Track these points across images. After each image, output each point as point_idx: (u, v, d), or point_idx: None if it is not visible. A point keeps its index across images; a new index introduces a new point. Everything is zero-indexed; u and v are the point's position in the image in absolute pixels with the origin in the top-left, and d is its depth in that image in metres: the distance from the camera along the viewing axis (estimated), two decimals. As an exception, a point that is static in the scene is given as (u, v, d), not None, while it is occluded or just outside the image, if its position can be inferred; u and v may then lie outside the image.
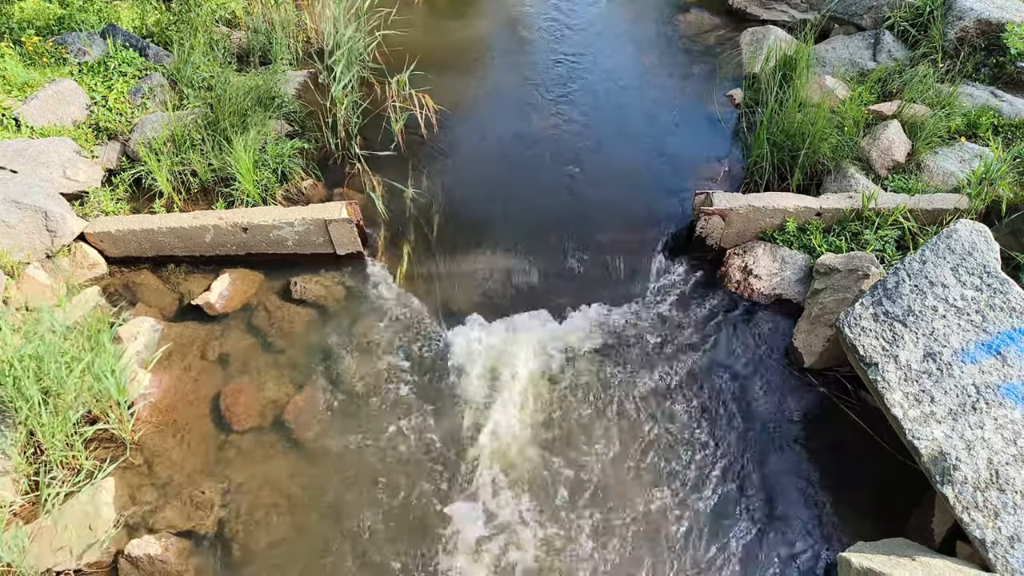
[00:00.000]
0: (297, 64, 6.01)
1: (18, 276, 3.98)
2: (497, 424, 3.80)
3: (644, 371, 4.04)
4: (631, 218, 4.84)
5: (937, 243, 3.56)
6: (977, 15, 5.49)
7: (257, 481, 3.54)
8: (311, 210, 4.39)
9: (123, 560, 3.18)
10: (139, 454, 3.60)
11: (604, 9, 7.31)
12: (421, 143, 5.38)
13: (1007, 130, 4.96)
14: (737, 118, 5.66)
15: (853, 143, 4.86)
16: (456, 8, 7.25)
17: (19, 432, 3.33)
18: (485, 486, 3.56)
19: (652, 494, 3.54)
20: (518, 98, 5.95)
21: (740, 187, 4.99)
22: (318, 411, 3.82)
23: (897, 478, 3.48)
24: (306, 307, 4.30)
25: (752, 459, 3.67)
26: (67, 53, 5.30)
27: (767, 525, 3.43)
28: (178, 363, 3.98)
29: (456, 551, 3.34)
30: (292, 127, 5.33)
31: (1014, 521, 2.83)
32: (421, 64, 5.50)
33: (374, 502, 3.49)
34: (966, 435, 3.05)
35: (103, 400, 3.54)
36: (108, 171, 4.83)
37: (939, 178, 4.65)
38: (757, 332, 4.22)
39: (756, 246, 4.46)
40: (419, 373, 4.02)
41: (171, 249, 4.43)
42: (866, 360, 3.40)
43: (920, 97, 5.19)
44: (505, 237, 4.72)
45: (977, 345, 3.25)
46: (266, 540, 3.34)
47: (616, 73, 6.29)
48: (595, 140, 5.50)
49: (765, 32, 6.32)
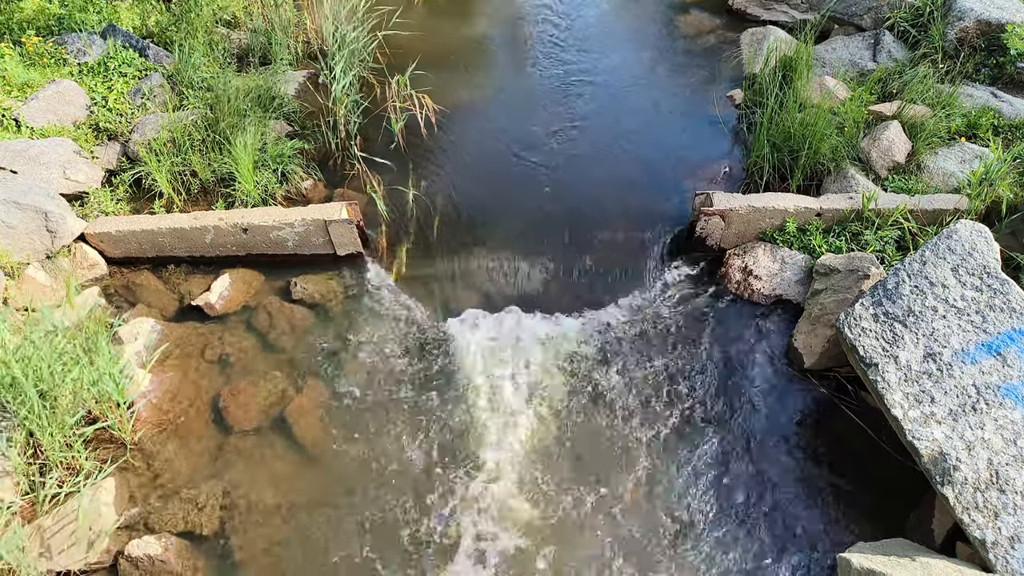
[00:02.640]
0: (297, 64, 6.00)
1: (18, 277, 3.98)
2: (497, 425, 3.80)
3: (644, 371, 4.04)
4: (631, 218, 4.84)
5: (937, 243, 3.56)
6: (977, 15, 5.49)
7: (257, 482, 3.54)
8: (311, 211, 4.39)
9: (123, 560, 3.18)
10: (139, 455, 3.60)
11: (604, 10, 7.31)
12: (421, 143, 5.38)
13: (1007, 131, 4.96)
14: (737, 118, 5.66)
15: (853, 144, 4.86)
16: (456, 9, 7.25)
17: (19, 433, 3.33)
18: (485, 487, 3.56)
19: (651, 494, 3.54)
20: (518, 98, 5.95)
21: (740, 187, 4.99)
22: (318, 412, 3.82)
23: (897, 479, 3.48)
24: (306, 308, 4.30)
25: (752, 459, 3.67)
26: (67, 53, 5.30)
27: (767, 526, 3.43)
28: (178, 364, 3.98)
29: (456, 552, 3.34)
30: (292, 127, 5.33)
31: (1014, 522, 2.83)
32: (421, 64, 5.50)
33: (374, 503, 3.49)
34: (966, 436, 3.05)
35: (103, 400, 3.53)
36: (108, 172, 4.82)
37: (939, 179, 4.65)
38: (757, 333, 4.22)
39: (756, 246, 4.46)
40: (419, 374, 4.02)
41: (171, 250, 4.43)
42: (866, 360, 3.40)
43: (920, 98, 5.18)
44: (505, 237, 4.72)
45: (977, 345, 3.25)
46: (266, 541, 3.34)
47: (616, 73, 6.29)
48: (595, 140, 5.50)
49: (765, 32, 6.32)
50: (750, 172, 5.01)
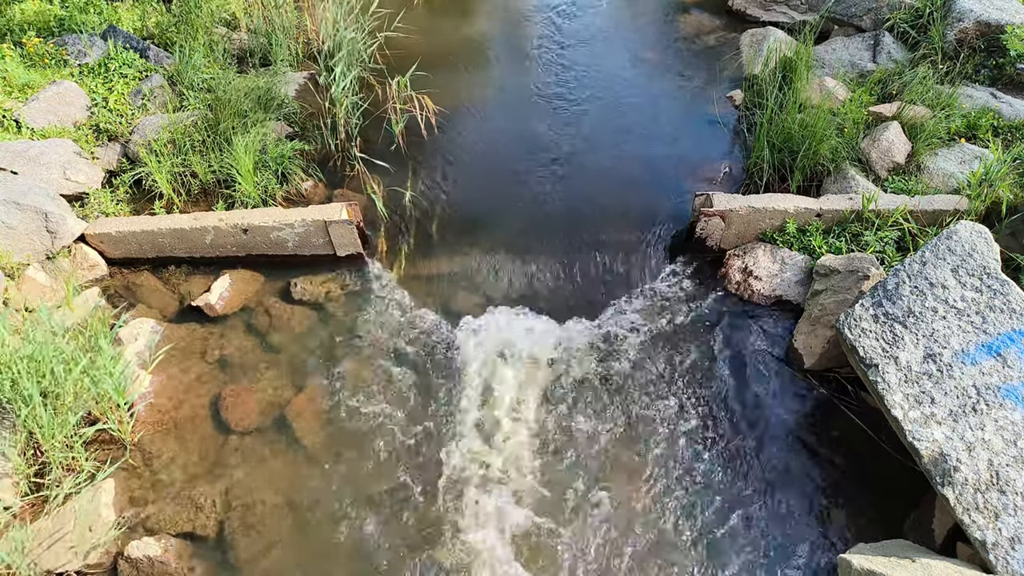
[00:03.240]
0: (297, 65, 6.01)
1: (18, 277, 3.98)
2: (497, 426, 3.80)
3: (643, 372, 4.04)
4: (631, 219, 4.84)
5: (937, 244, 3.56)
6: (976, 16, 5.50)
7: (257, 483, 3.54)
8: (311, 211, 4.39)
9: (123, 562, 3.18)
10: (139, 455, 3.60)
11: (604, 10, 7.32)
12: (421, 144, 5.38)
13: (1007, 131, 4.96)
14: (737, 119, 5.66)
15: (853, 144, 4.86)
16: (456, 9, 7.25)
17: (19, 433, 3.33)
18: (486, 488, 3.56)
19: (650, 495, 3.54)
20: (518, 99, 5.95)
21: (740, 188, 4.99)
22: (318, 412, 3.82)
23: (897, 479, 3.48)
24: (306, 308, 4.30)
25: (752, 460, 3.67)
26: (68, 55, 5.31)
27: (767, 526, 3.43)
28: (178, 364, 3.98)
29: (457, 553, 3.34)
30: (292, 128, 5.33)
31: (1014, 523, 2.83)
32: (421, 65, 5.51)
33: (375, 504, 3.49)
34: (966, 436, 3.05)
35: (103, 401, 3.53)
36: (108, 172, 4.83)
37: (939, 179, 4.66)
38: (757, 333, 4.22)
39: (756, 247, 4.46)
40: (420, 374, 4.02)
41: (171, 250, 4.43)
42: (866, 361, 3.40)
43: (920, 98, 5.19)
44: (505, 238, 4.72)
45: (977, 346, 3.25)
46: (266, 542, 3.34)
47: (616, 74, 6.29)
48: (595, 141, 5.50)
49: (765, 33, 6.33)
50: (750, 173, 5.02)
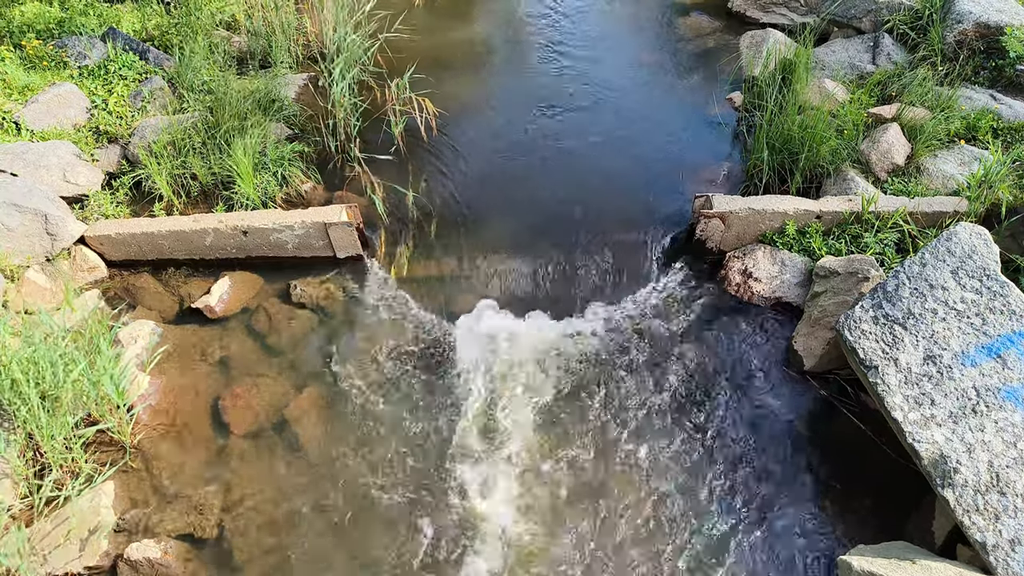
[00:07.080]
0: (297, 67, 6.01)
1: (18, 279, 3.98)
2: (497, 427, 3.80)
3: (643, 373, 4.04)
4: (631, 220, 4.84)
5: (937, 246, 3.56)
6: (976, 18, 5.50)
7: (257, 485, 3.53)
8: (311, 213, 4.40)
9: (122, 564, 3.17)
10: (139, 457, 3.60)
11: (604, 12, 7.32)
12: (421, 146, 5.39)
13: (1006, 133, 4.96)
14: (737, 121, 5.67)
15: (853, 146, 4.86)
16: (456, 11, 7.26)
17: (18, 435, 3.33)
18: (486, 489, 3.56)
19: (649, 496, 3.53)
20: (518, 101, 5.95)
21: (740, 190, 4.99)
22: (318, 414, 3.82)
23: (897, 481, 3.47)
24: (306, 310, 4.30)
25: (751, 462, 3.66)
26: (67, 56, 5.31)
27: (767, 528, 3.43)
28: (178, 366, 3.98)
29: (456, 554, 3.34)
30: (292, 130, 5.33)
31: (1015, 524, 2.82)
32: (421, 67, 5.51)
33: (375, 506, 3.49)
34: (966, 438, 3.05)
35: (102, 403, 3.53)
36: (108, 174, 4.83)
37: (939, 181, 4.66)
38: (757, 335, 4.22)
39: (756, 249, 4.46)
40: (420, 376, 4.02)
41: (171, 252, 4.43)
42: (866, 363, 3.40)
43: (919, 100, 5.19)
44: (505, 240, 4.72)
45: (977, 348, 3.25)
46: (266, 544, 3.34)
47: (616, 75, 6.29)
48: (594, 142, 5.50)
49: (764, 35, 6.33)
50: (750, 174, 5.01)
